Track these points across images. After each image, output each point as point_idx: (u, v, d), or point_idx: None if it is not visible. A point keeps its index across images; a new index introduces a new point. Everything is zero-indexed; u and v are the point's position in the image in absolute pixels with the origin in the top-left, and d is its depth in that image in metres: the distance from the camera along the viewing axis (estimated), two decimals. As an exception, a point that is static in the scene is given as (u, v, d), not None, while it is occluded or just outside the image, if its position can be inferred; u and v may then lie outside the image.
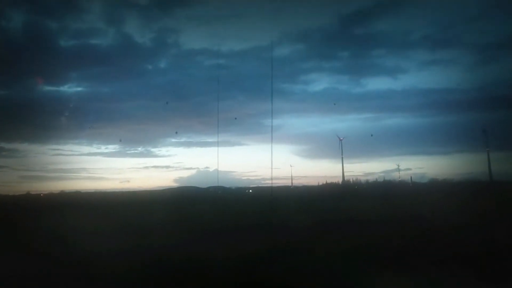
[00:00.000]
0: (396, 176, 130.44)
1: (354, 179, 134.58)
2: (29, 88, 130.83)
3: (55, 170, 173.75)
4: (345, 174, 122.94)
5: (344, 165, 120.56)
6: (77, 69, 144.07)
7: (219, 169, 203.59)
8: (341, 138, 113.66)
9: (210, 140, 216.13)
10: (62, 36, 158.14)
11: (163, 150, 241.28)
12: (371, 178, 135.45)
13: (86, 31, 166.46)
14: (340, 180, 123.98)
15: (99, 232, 23.51)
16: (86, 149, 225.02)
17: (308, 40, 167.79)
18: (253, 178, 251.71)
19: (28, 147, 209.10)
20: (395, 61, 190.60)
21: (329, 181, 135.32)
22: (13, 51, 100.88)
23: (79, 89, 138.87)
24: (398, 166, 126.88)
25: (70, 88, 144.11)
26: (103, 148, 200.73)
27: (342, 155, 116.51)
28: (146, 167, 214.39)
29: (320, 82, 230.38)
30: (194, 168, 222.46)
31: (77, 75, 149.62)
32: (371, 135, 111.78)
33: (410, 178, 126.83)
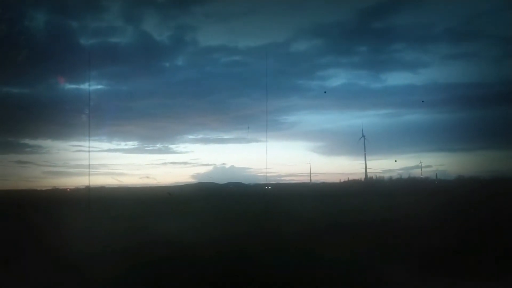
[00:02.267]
0: (416, 173, 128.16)
1: (375, 176, 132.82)
2: (51, 86, 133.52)
3: (76, 166, 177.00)
4: (360, 171, 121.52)
5: (362, 162, 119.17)
6: (97, 67, 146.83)
7: (236, 166, 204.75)
8: (364, 135, 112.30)
9: (226, 137, 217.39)
10: (82, 35, 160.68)
11: (180, 147, 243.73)
12: (390, 176, 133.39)
13: (106, 29, 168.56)
14: (361, 177, 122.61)
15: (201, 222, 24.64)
16: (106, 145, 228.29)
17: (325, 35, 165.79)
18: (269, 174, 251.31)
19: (51, 144, 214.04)
20: (416, 55, 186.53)
21: (348, 178, 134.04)
22: (36, 51, 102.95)
23: (99, 87, 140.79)
24: (421, 163, 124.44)
25: (90, 86, 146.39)
26: (123, 145, 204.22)
27: (365, 151, 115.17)
28: (164, 163, 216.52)
29: (338, 78, 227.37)
30: (211, 165, 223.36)
31: (97, 73, 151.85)
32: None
33: (435, 175, 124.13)
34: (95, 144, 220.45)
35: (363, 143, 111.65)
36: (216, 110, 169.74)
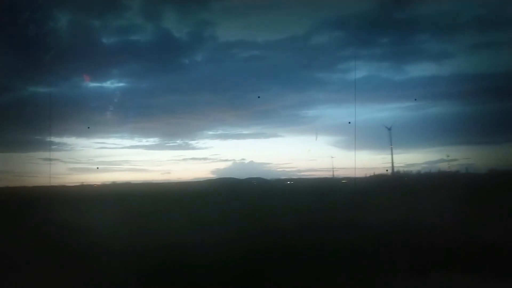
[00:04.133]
0: (442, 167, 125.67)
1: (402, 170, 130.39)
2: (75, 85, 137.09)
3: (100, 162, 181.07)
4: (385, 165, 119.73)
5: (386, 156, 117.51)
6: (118, 65, 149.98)
7: (255, 161, 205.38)
8: (389, 127, 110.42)
9: (245, 132, 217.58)
10: (104, 34, 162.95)
11: (200, 143, 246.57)
12: (414, 169, 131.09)
13: (126, 28, 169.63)
14: (385, 172, 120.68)
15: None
16: (128, 142, 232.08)
17: (346, 27, 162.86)
18: (288, 169, 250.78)
19: (75, 141, 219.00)
20: (441, 46, 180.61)
21: (374, 173, 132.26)
22: (60, 50, 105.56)
23: (120, 84, 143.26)
24: (448, 156, 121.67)
25: (112, 84, 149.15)
26: (144, 141, 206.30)
27: (391, 145, 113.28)
28: (185, 159, 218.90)
29: (359, 70, 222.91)
30: (230, 160, 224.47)
31: (118, 71, 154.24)
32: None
33: (465, 169, 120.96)
34: (118, 141, 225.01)
35: (389, 136, 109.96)
36: (235, 106, 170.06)
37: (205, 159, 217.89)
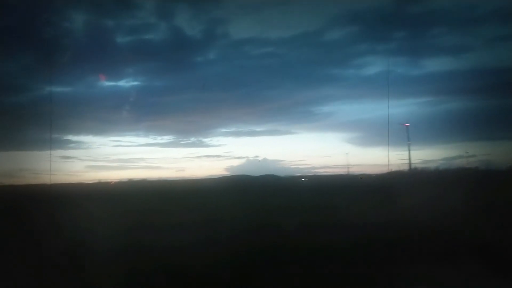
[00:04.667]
0: (460, 163, 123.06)
1: (419, 167, 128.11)
2: (91, 84, 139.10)
3: (116, 160, 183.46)
4: (401, 162, 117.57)
5: (400, 152, 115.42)
6: (132, 64, 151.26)
7: (268, 158, 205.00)
8: (406, 124, 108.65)
9: (258, 129, 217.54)
10: (118, 34, 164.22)
11: (213, 140, 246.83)
12: (432, 166, 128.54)
13: (140, 27, 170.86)
14: (402, 168, 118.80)
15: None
16: (143, 140, 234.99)
17: (360, 22, 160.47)
18: (302, 167, 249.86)
19: (92, 139, 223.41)
20: (458, 39, 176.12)
21: (387, 169, 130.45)
22: (76, 51, 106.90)
23: (135, 83, 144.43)
24: (467, 152, 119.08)
25: (127, 83, 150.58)
26: (159, 139, 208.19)
27: (408, 141, 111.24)
28: (199, 157, 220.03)
29: (374, 66, 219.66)
30: (244, 157, 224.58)
31: (132, 70, 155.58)
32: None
33: (485, 165, 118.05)
34: (133, 138, 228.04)
35: (406, 132, 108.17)
36: (248, 103, 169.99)
37: (218, 156, 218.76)
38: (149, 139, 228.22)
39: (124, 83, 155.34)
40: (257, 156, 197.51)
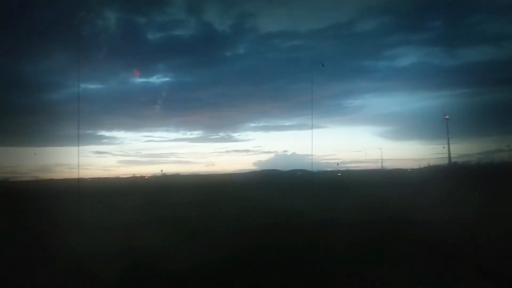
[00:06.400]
0: (500, 157, 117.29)
1: (460, 161, 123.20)
2: (123, 81, 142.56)
3: (147, 155, 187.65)
4: (437, 156, 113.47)
5: (436, 146, 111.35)
6: (163, 60, 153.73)
7: (297, 153, 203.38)
8: (446, 116, 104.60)
9: (287, 123, 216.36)
10: (149, 30, 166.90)
11: (242, 135, 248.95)
12: (472, 160, 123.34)
13: (170, 23, 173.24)
14: (440, 163, 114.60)
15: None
16: (173, 135, 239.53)
17: (393, 11, 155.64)
18: (332, 161, 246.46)
19: (124, 135, 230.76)
20: (498, 27, 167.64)
21: (424, 164, 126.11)
22: (109, 48, 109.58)
23: (165, 79, 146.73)
24: (509, 146, 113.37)
25: (158, 79, 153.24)
26: (189, 134, 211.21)
27: (448, 134, 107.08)
28: (228, 151, 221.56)
29: (408, 57, 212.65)
30: (273, 152, 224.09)
31: (163, 66, 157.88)
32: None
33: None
34: (164, 134, 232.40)
35: (445, 125, 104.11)
36: (277, 97, 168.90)
37: (247, 151, 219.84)
38: (179, 134, 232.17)
39: (155, 79, 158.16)
40: (286, 151, 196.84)
